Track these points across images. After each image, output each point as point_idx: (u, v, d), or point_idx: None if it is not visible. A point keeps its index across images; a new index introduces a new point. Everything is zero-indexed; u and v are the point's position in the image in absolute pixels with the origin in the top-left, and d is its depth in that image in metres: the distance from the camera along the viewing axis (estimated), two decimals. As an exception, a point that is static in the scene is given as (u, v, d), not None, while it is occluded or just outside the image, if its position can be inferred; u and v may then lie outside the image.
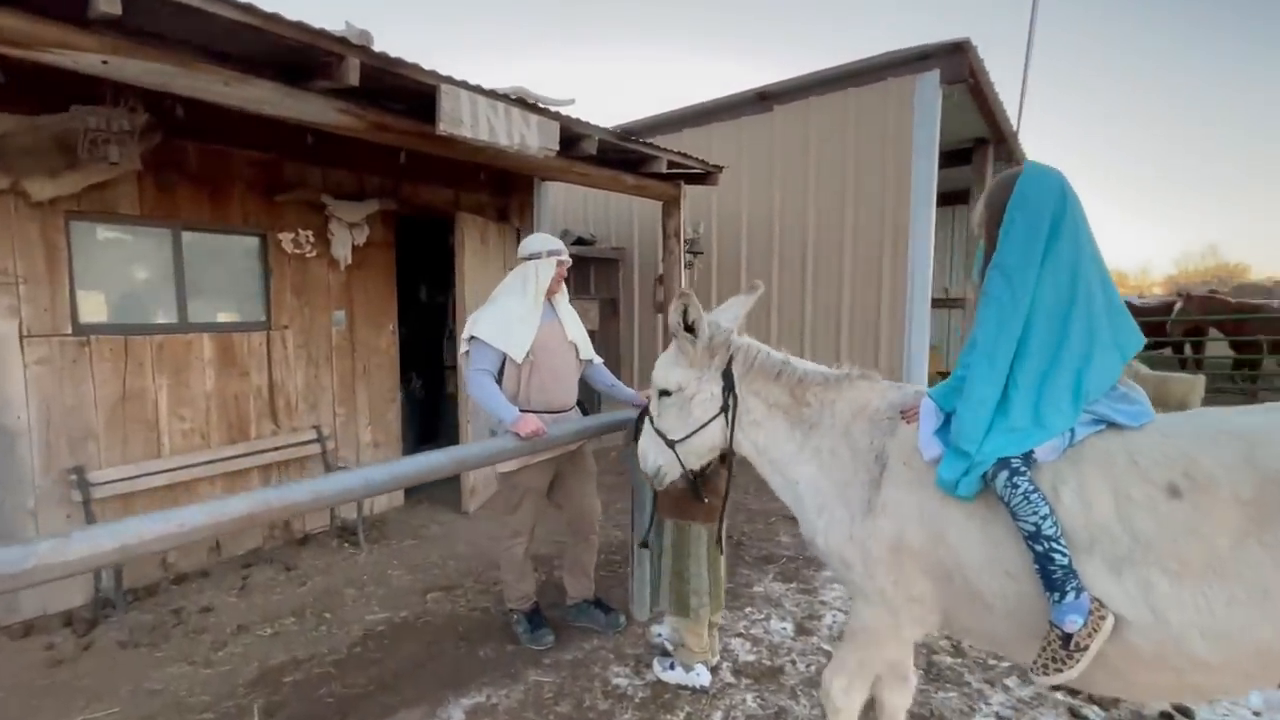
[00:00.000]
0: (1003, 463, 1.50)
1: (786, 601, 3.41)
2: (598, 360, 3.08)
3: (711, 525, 2.66)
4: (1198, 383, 7.70)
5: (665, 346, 5.36)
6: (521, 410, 2.62)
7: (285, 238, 4.15)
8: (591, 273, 7.05)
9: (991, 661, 2.84)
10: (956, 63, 4.96)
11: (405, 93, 3.06)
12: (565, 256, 2.88)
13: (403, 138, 3.03)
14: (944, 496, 1.62)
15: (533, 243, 2.90)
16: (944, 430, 1.66)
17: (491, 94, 2.99)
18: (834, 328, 5.65)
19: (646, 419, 2.13)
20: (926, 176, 5.09)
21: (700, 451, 2.06)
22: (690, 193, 5.12)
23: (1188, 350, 11.10)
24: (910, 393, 1.87)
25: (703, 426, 1.99)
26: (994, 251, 1.60)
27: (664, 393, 2.03)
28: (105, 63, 2.11)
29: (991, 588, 1.56)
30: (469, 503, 4.79)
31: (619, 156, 4.37)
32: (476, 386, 2.67)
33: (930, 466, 1.66)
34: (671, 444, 2.04)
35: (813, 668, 2.81)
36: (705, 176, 4.92)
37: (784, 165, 5.83)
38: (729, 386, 1.94)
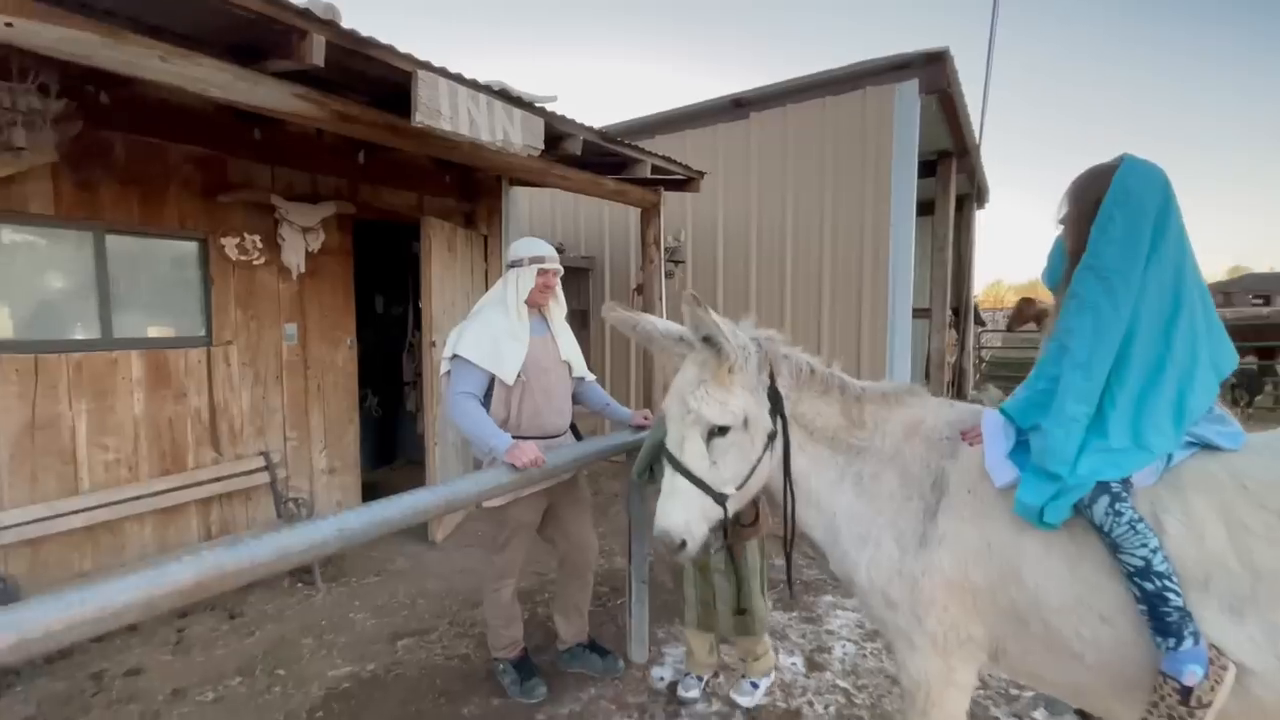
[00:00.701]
0: (1102, 487, 1.32)
1: (791, 633, 3.19)
2: (590, 377, 2.81)
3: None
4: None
5: (642, 361, 5.09)
6: (512, 437, 2.32)
7: (229, 243, 3.72)
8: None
9: (1014, 691, 2.69)
10: (935, 72, 4.94)
11: (374, 81, 2.74)
12: (551, 264, 2.58)
13: (371, 130, 2.70)
14: (1018, 527, 1.44)
15: (515, 248, 2.62)
16: (1019, 452, 1.47)
17: (473, 84, 2.70)
18: (814, 338, 5.53)
19: (671, 469, 1.62)
20: (906, 186, 5.04)
21: (745, 500, 1.73)
22: (666, 200, 4.91)
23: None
24: (966, 410, 1.68)
25: (758, 464, 1.66)
26: (1082, 251, 1.43)
27: (720, 430, 1.59)
28: (9, 25, 1.74)
29: (1080, 633, 1.37)
30: (437, 531, 4.41)
31: (599, 159, 4.12)
32: (461, 413, 2.36)
33: (1001, 494, 1.47)
34: (723, 499, 1.61)
35: (832, 708, 2.60)
36: (686, 183, 4.73)
37: (761, 173, 5.70)
38: (777, 408, 1.66)
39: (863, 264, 5.25)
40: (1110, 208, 1.39)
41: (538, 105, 3.03)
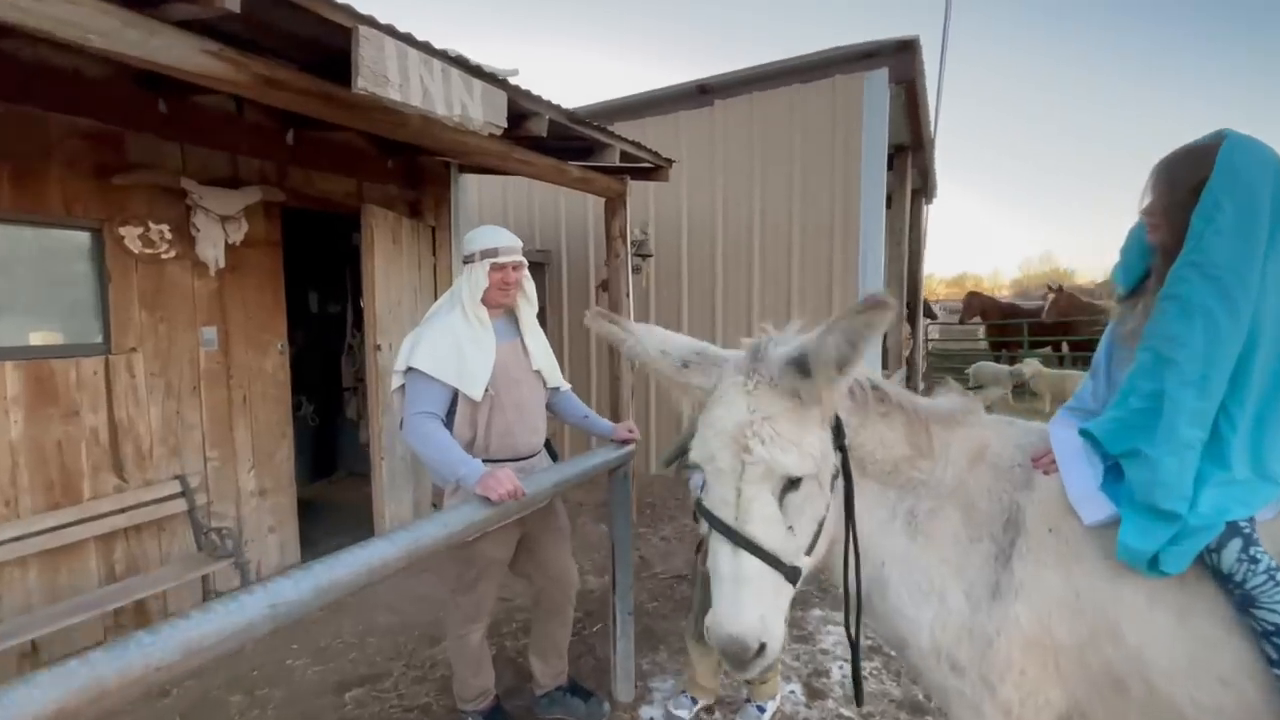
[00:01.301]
0: (1233, 529, 1.11)
1: (784, 655, 2.97)
2: (565, 387, 2.49)
3: None
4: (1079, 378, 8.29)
5: (616, 361, 4.77)
6: (482, 460, 1.98)
7: (130, 233, 3.18)
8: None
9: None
10: (905, 62, 4.82)
11: (306, 43, 2.31)
12: (507, 256, 2.18)
13: (302, 100, 2.28)
14: (1114, 573, 1.22)
15: (467, 239, 2.25)
16: (1109, 482, 1.26)
17: (426, 47, 2.32)
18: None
19: (727, 547, 1.19)
20: (876, 178, 4.91)
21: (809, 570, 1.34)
22: (630, 190, 4.59)
23: (1065, 348, 12.09)
24: (1032, 430, 1.46)
25: (825, 518, 1.29)
26: (1177, 246, 1.22)
27: (794, 483, 1.20)
28: None
29: (1196, 699, 1.16)
30: (385, 555, 3.97)
31: (562, 144, 3.77)
32: (421, 437, 1.99)
33: (1091, 533, 1.25)
34: (797, 575, 1.23)
35: (840, 744, 2.38)
36: (654, 171, 4.43)
37: (727, 163, 5.46)
38: (839, 440, 1.30)
39: (832, 258, 5.10)
40: (1216, 194, 1.17)
41: (500, 78, 2.66)
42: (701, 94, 5.52)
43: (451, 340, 2.10)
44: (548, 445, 2.39)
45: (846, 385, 1.28)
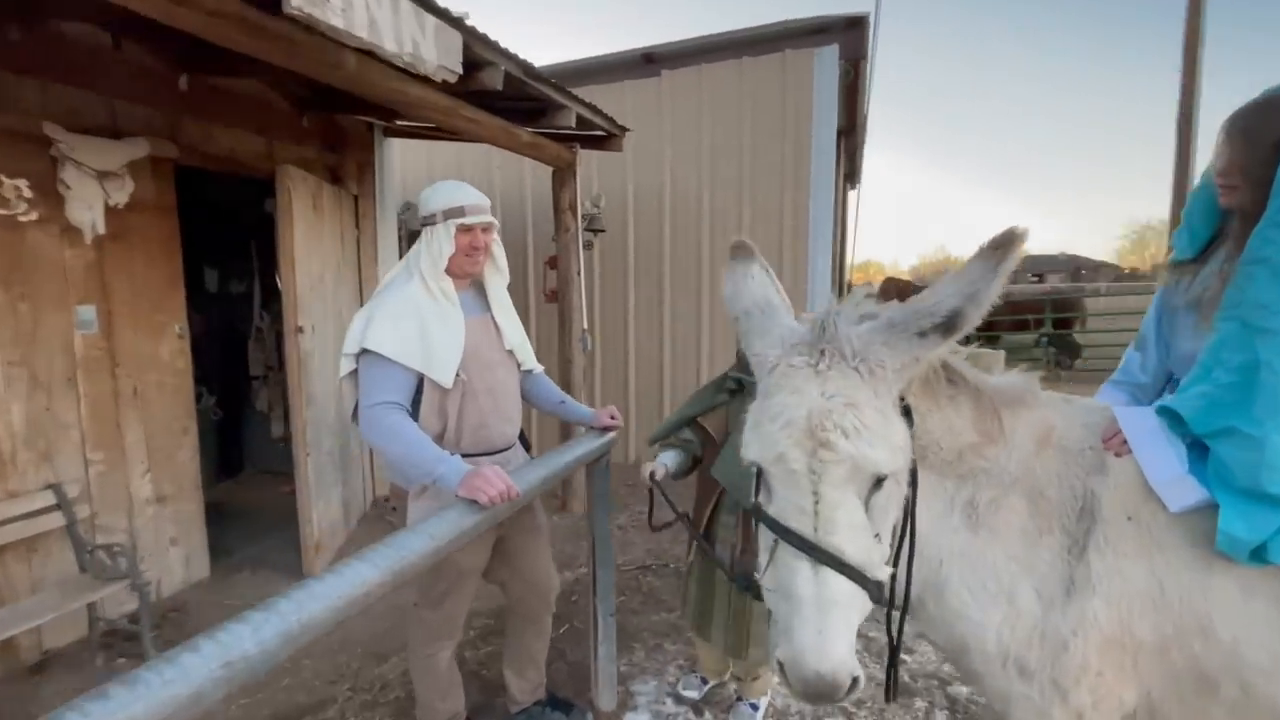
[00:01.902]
0: None
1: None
2: (539, 369, 2.22)
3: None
4: (999, 356, 8.84)
5: (566, 344, 4.50)
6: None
7: (-25, 189, 2.57)
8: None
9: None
10: (855, 39, 4.79)
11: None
12: (475, 216, 1.86)
13: (213, 25, 1.85)
14: (1204, 564, 1.13)
15: (425, 198, 1.91)
16: (1196, 463, 1.17)
17: (372, -32, 1.94)
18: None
19: (805, 565, 0.98)
20: (826, 156, 4.87)
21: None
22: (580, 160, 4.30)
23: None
24: (1093, 408, 1.36)
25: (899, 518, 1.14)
26: (1259, 207, 1.14)
27: (880, 481, 1.02)
28: None
29: None
30: (314, 563, 3.54)
31: (511, 104, 3.43)
32: (384, 431, 1.67)
33: (1175, 520, 1.16)
34: (882, 591, 1.05)
35: (836, 737, 2.30)
36: (606, 140, 4.16)
37: (675, 136, 5.26)
38: (912, 437, 1.10)
39: (782, 235, 5.03)
40: None
41: (454, 16, 2.31)
42: (648, 63, 5.27)
43: (414, 317, 1.78)
44: (520, 436, 2.13)
45: (941, 357, 1.11)
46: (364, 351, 1.75)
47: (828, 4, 4.90)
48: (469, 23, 2.51)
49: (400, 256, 4.88)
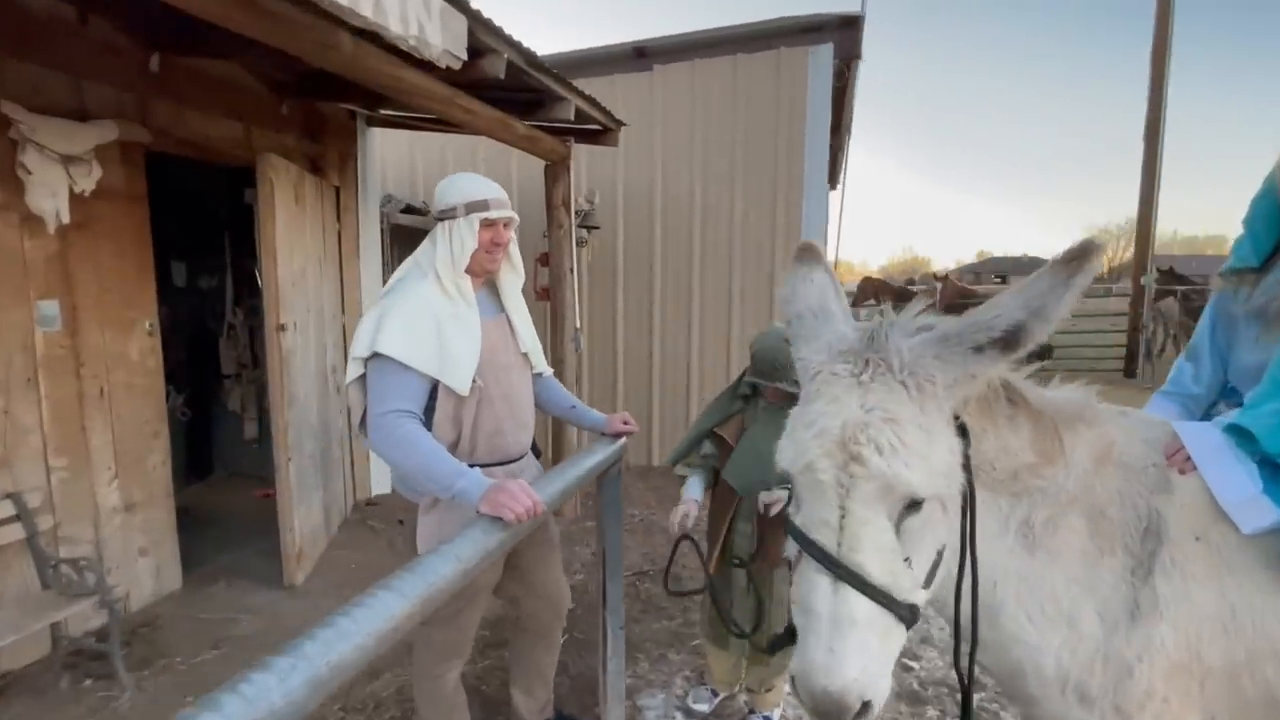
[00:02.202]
0: None
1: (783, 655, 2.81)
2: (548, 372, 2.12)
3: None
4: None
5: (559, 343, 4.40)
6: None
7: (-76, 172, 2.35)
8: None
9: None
10: (849, 38, 4.76)
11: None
12: (499, 210, 1.76)
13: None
14: (1276, 587, 1.10)
15: (444, 190, 1.78)
16: (1269, 482, 1.13)
17: (378, -59, 1.81)
18: (725, 314, 5.20)
19: (826, 581, 0.93)
20: (820, 155, 4.84)
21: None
22: (574, 155, 4.18)
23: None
24: (1153, 423, 1.31)
25: (945, 545, 1.04)
26: None
27: (916, 504, 0.94)
28: None
29: None
30: (295, 572, 3.37)
31: (507, 95, 3.30)
32: (398, 442, 1.55)
33: (1247, 541, 1.12)
34: (914, 616, 0.96)
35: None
36: (601, 134, 4.05)
37: (667, 132, 5.17)
38: (968, 459, 1.02)
39: (775, 236, 4.99)
40: None
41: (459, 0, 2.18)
42: (639, 57, 5.16)
43: (429, 318, 1.66)
44: (532, 443, 2.02)
45: (1001, 375, 1.05)
46: (374, 355, 1.63)
47: (807, 3, 4.87)
48: (473, 5, 2.39)
49: (384, 251, 4.71)
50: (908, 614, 0.95)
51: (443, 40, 2.09)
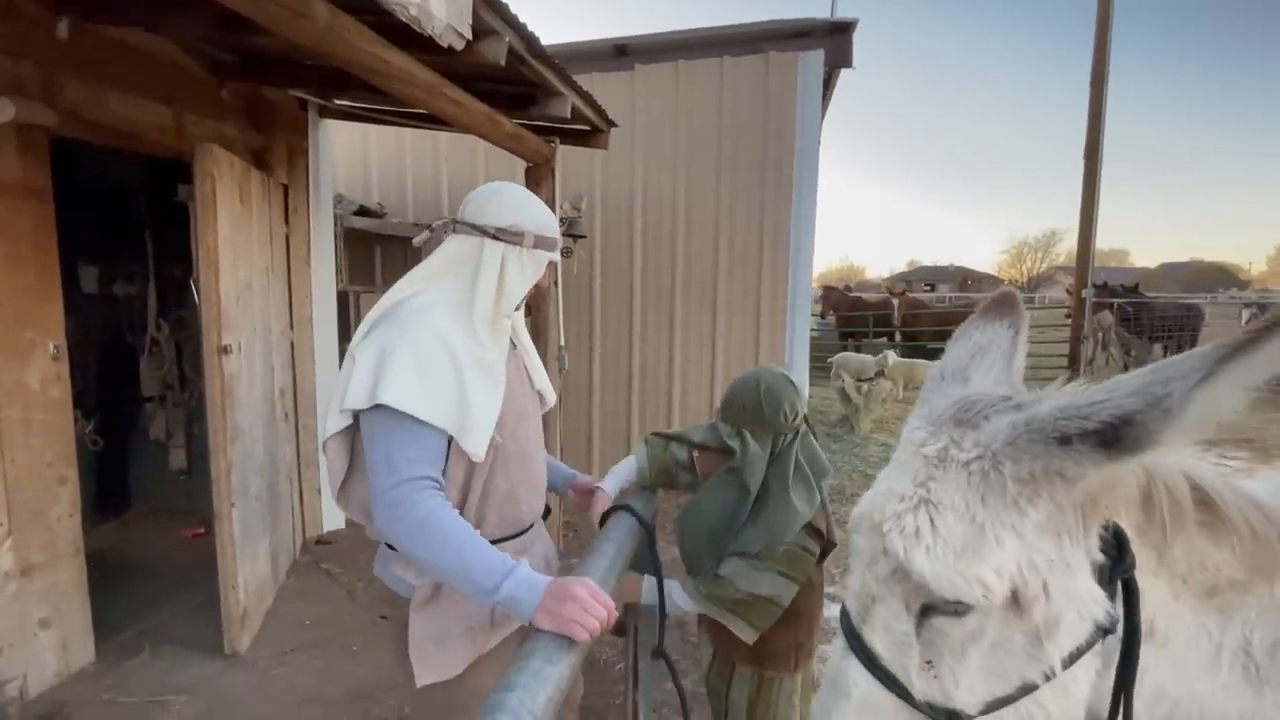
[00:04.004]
0: None
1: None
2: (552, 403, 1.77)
3: (799, 672, 1.73)
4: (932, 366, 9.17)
5: (544, 365, 4.05)
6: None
7: None
8: (379, 257, 5.19)
9: None
10: (840, 45, 4.61)
11: None
12: (559, 252, 1.51)
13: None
14: None
15: (511, 208, 1.37)
16: None
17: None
18: (709, 325, 4.95)
19: (843, 645, 0.83)
20: (810, 163, 4.67)
21: None
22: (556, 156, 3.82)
23: (898, 338, 13.40)
24: None
25: (1050, 680, 0.77)
26: None
27: (953, 608, 0.75)
28: None
29: None
30: (239, 636, 2.87)
31: (494, 86, 2.93)
32: (420, 526, 1.17)
33: None
34: (939, 715, 0.78)
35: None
36: (590, 135, 3.72)
37: (649, 135, 4.88)
38: (1127, 583, 0.76)
39: (762, 248, 4.78)
40: None
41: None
42: (620, 55, 4.86)
43: (446, 360, 1.29)
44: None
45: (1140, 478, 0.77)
46: (377, 408, 1.25)
47: (785, 7, 4.69)
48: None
49: (338, 257, 4.21)
50: (929, 714, 0.78)
51: (446, 14, 1.72)
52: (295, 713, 2.50)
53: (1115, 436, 0.66)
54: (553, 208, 3.71)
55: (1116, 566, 0.75)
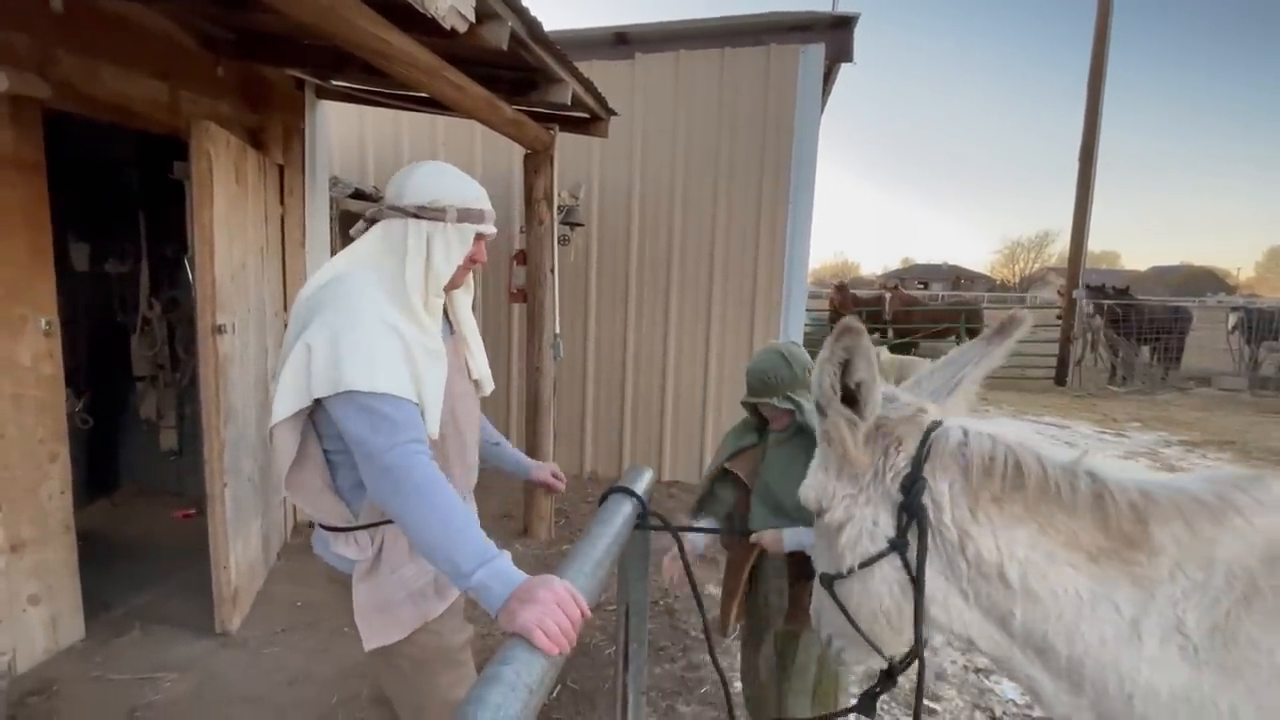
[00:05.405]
0: None
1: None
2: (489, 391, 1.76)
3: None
4: (923, 363, 9.27)
5: (536, 350, 4.03)
6: None
7: None
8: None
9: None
10: (841, 39, 4.59)
11: None
12: (490, 225, 1.44)
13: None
14: None
15: (430, 185, 1.36)
16: None
17: None
18: (704, 316, 4.96)
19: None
20: (808, 156, 4.67)
21: (869, 617, 1.06)
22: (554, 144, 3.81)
23: (890, 334, 13.46)
24: None
25: (850, 573, 1.05)
26: None
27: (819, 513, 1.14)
28: None
29: None
30: (230, 616, 2.87)
31: (493, 71, 2.92)
32: (421, 488, 1.16)
33: None
34: (829, 590, 1.11)
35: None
36: (589, 123, 3.71)
37: (647, 125, 4.86)
38: (912, 513, 0.96)
39: (759, 239, 4.79)
40: None
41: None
42: (619, 43, 4.82)
43: (396, 344, 1.27)
44: None
45: (863, 431, 1.01)
46: (349, 392, 1.22)
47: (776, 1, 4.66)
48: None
49: (333, 240, 4.18)
50: (827, 590, 1.10)
51: (451, -4, 1.71)
52: (286, 691, 2.52)
53: (825, 409, 1.01)
54: (551, 196, 3.71)
55: (912, 508, 0.97)
